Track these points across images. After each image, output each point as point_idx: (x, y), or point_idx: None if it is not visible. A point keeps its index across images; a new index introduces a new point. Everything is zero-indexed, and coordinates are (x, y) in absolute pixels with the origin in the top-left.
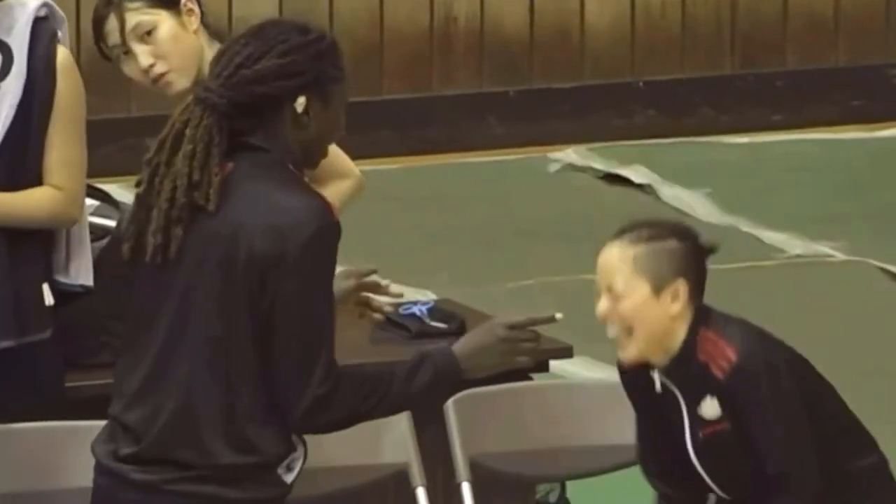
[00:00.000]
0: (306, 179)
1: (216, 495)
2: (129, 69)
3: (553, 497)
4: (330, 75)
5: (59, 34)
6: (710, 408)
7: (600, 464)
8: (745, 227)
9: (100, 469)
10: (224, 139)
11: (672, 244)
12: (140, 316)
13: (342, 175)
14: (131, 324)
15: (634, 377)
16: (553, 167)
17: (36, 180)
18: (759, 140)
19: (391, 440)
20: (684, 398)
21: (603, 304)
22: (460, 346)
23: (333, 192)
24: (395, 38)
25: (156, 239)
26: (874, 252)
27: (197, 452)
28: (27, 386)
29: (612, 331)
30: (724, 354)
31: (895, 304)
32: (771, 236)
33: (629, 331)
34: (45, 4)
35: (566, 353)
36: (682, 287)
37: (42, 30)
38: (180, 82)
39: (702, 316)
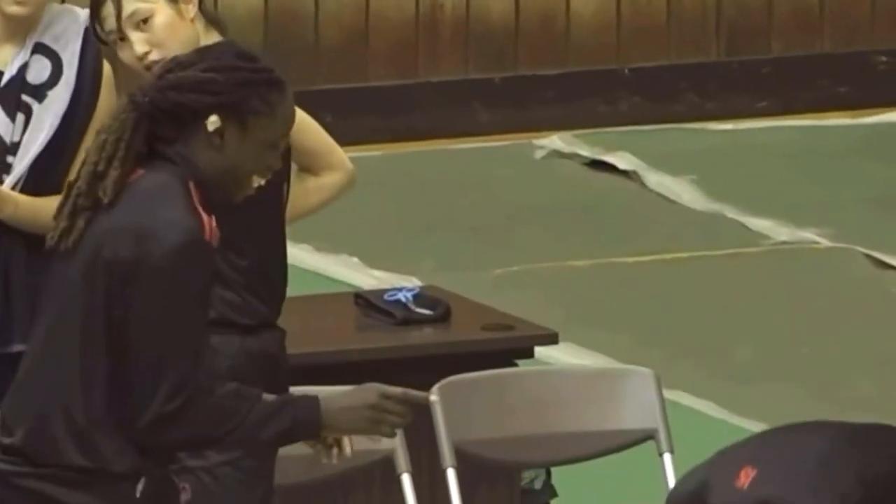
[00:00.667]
0: (298, 171)
1: (57, 498)
2: (124, 55)
3: (538, 483)
4: (252, 106)
5: None
6: None
7: (585, 450)
8: (731, 213)
9: None
10: (138, 138)
11: None
12: (43, 308)
13: (333, 168)
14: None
15: None
16: (539, 154)
17: (60, 188)
18: (745, 127)
19: None
20: None
21: None
22: (329, 400)
23: (324, 184)
24: (381, 25)
25: (60, 224)
26: (860, 238)
27: (49, 451)
28: None
29: None
30: None
31: (880, 290)
32: (756, 223)
33: None
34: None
35: (551, 339)
36: None
37: (90, 40)
38: None
39: None
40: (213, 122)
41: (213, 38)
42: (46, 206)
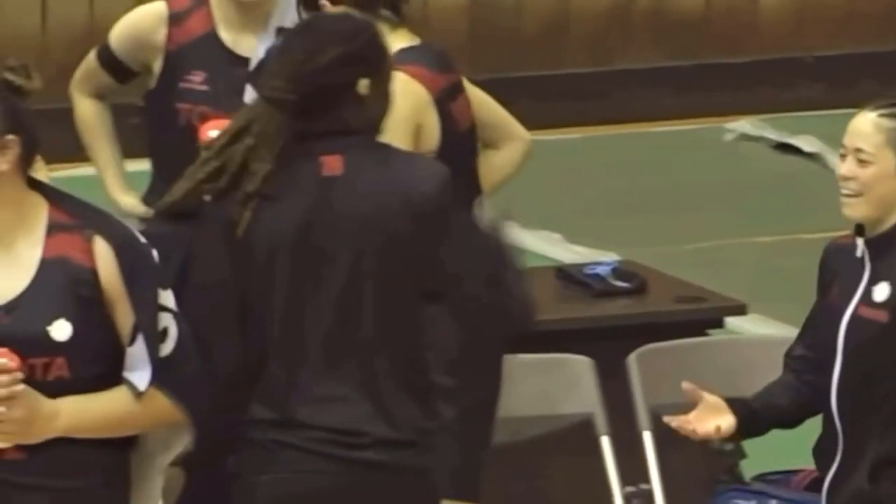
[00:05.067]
0: (482, 147)
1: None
2: None
3: (728, 446)
4: (382, 56)
5: None
6: (882, 291)
7: None
8: None
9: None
10: (288, 132)
11: None
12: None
13: (513, 138)
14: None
15: (843, 246)
16: (728, 137)
17: None
18: None
19: (576, 392)
20: (871, 272)
21: (847, 166)
22: None
23: (507, 156)
24: (578, 16)
25: (241, 216)
26: None
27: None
28: None
29: (847, 189)
30: None
31: None
32: None
33: (862, 193)
34: None
35: (740, 310)
36: None
37: None
38: None
39: None
40: (364, 85)
41: (400, 36)
42: None
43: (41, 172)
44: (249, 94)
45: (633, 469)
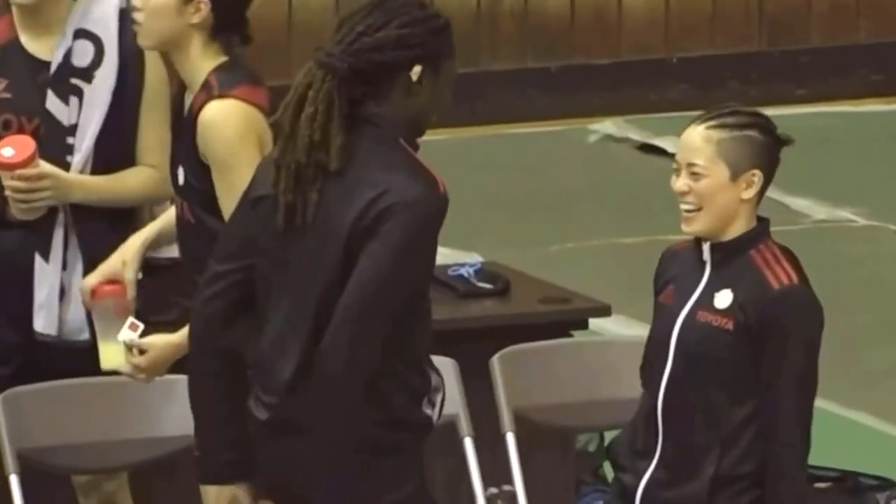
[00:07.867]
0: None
1: None
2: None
3: (592, 447)
4: (443, 51)
5: None
6: (724, 298)
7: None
8: (773, 194)
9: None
10: (344, 103)
11: (754, 134)
12: (278, 278)
13: None
14: (272, 286)
15: (680, 251)
16: (592, 138)
17: (127, 163)
18: (785, 113)
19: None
20: (710, 277)
21: (681, 181)
22: None
23: None
24: None
25: (286, 198)
26: (892, 217)
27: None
28: None
29: (685, 206)
30: (785, 272)
31: None
32: (797, 202)
33: (701, 207)
34: None
35: (604, 311)
36: (757, 177)
37: (126, 20)
38: (143, 40)
39: (767, 230)
40: (416, 72)
41: (213, 52)
42: (121, 182)
43: None
44: (51, 99)
45: (496, 470)
